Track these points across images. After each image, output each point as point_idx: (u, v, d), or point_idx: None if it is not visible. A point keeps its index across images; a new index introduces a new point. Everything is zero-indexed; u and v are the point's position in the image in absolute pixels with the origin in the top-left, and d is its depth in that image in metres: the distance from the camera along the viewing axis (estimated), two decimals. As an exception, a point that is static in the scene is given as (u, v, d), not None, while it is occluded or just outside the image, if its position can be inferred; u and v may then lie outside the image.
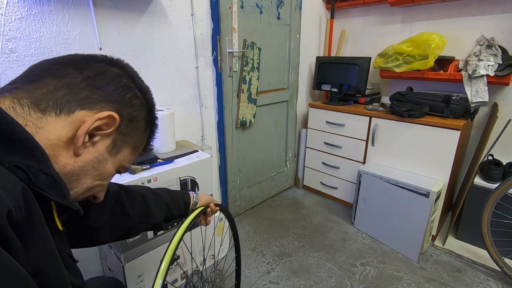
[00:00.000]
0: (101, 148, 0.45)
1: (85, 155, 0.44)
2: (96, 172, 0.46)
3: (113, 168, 0.49)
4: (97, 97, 0.43)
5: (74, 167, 0.43)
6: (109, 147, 0.47)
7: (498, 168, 1.61)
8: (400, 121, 1.70)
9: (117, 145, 0.48)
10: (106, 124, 0.44)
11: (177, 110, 1.53)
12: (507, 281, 1.42)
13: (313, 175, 2.29)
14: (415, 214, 1.55)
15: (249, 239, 1.76)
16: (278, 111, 2.14)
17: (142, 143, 0.54)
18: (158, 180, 1.13)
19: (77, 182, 0.45)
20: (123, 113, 0.46)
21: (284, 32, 2.00)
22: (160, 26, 1.36)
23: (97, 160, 0.45)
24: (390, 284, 1.42)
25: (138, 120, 0.50)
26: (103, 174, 0.48)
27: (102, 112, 0.43)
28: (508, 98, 1.69)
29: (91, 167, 0.45)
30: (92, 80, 0.44)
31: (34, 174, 0.35)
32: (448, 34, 1.76)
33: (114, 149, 0.48)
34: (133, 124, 0.49)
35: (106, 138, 0.46)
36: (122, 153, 0.50)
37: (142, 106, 0.50)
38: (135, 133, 0.50)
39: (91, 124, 0.42)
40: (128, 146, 0.50)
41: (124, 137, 0.48)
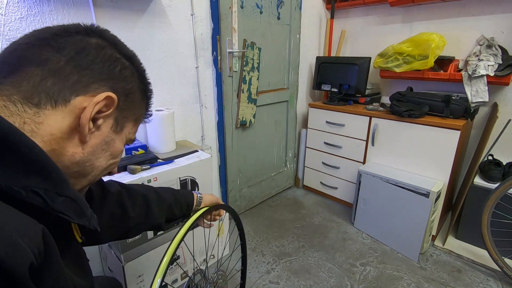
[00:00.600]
0: (106, 130, 0.44)
1: (92, 140, 0.43)
2: (107, 153, 0.46)
3: (121, 144, 0.49)
4: (88, 79, 0.41)
5: (84, 154, 0.42)
6: (113, 126, 0.46)
7: (498, 168, 1.61)
8: (400, 121, 1.70)
9: (120, 122, 0.47)
10: (106, 105, 0.42)
11: (177, 110, 1.53)
12: (507, 281, 1.42)
13: (313, 175, 2.29)
14: (415, 214, 1.55)
15: (249, 239, 1.76)
16: (278, 111, 2.14)
17: (142, 112, 0.53)
18: (158, 180, 1.13)
19: (91, 167, 0.44)
20: (118, 90, 0.44)
21: (284, 32, 2.00)
22: (160, 26, 1.36)
23: (104, 142, 0.45)
24: (390, 284, 1.42)
25: (133, 92, 0.48)
26: (114, 152, 0.47)
27: (99, 95, 0.41)
28: (508, 98, 1.69)
29: (101, 150, 0.45)
30: (76, 60, 0.40)
31: (51, 198, 0.35)
32: (448, 34, 1.76)
33: (118, 127, 0.47)
34: (130, 97, 0.47)
35: (108, 119, 0.44)
36: (126, 128, 0.49)
37: (134, 76, 0.48)
38: (133, 105, 0.49)
39: (91, 110, 0.40)
40: (130, 120, 0.49)
41: (124, 112, 0.47)
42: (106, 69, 0.43)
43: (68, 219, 0.37)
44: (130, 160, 1.14)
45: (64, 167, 0.39)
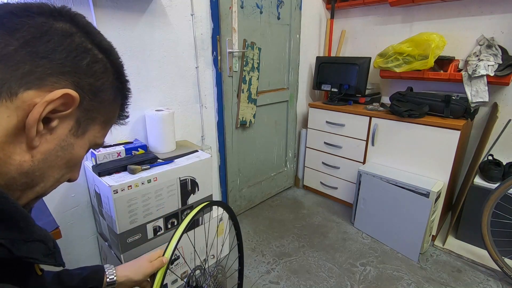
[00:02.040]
0: (63, 133, 0.37)
1: (43, 145, 0.35)
2: (62, 161, 0.39)
3: (82, 151, 0.41)
4: (44, 70, 0.33)
5: (34, 163, 0.35)
6: (72, 129, 0.38)
7: (498, 168, 1.61)
8: (400, 121, 1.70)
9: (83, 125, 0.39)
10: (63, 104, 0.34)
11: (177, 110, 1.53)
12: (507, 281, 1.42)
13: (313, 175, 2.29)
14: (415, 214, 1.55)
15: (249, 239, 1.76)
16: (278, 111, 2.14)
17: (114, 114, 0.45)
18: (158, 180, 1.13)
19: (42, 177, 0.37)
20: (83, 86, 0.37)
21: (284, 32, 2.00)
22: (160, 26, 1.36)
23: (60, 148, 0.37)
24: (390, 284, 1.42)
25: (104, 90, 0.40)
26: (71, 160, 0.40)
27: (54, 92, 0.33)
28: (508, 98, 1.69)
29: (55, 157, 0.37)
30: (32, 45, 0.33)
31: (17, 247, 0.32)
32: (448, 34, 1.76)
33: (80, 130, 0.39)
34: (98, 96, 0.39)
35: (66, 120, 0.37)
36: (91, 132, 0.41)
37: (107, 72, 0.40)
38: (103, 106, 0.41)
39: (42, 110, 0.32)
40: (97, 122, 0.42)
41: (90, 113, 0.39)
42: (71, 60, 0.35)
43: (35, 261, 0.34)
44: (130, 160, 1.14)
45: (10, 179, 0.34)
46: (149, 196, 1.12)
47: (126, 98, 0.47)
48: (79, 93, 0.36)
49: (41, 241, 0.35)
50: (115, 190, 1.01)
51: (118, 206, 1.03)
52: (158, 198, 1.15)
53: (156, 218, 1.17)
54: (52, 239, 0.38)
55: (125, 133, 1.35)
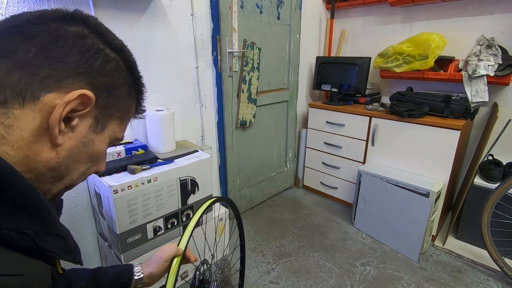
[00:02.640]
0: (83, 130, 0.40)
1: (67, 143, 0.38)
2: (85, 155, 0.42)
3: (103, 145, 0.44)
4: (61, 73, 0.36)
5: (59, 159, 0.38)
6: (92, 126, 0.41)
7: (498, 168, 1.61)
8: (400, 121, 1.70)
9: (101, 121, 0.42)
10: (81, 103, 0.37)
11: (177, 110, 1.53)
12: (507, 281, 1.42)
13: (313, 175, 2.29)
14: (415, 214, 1.55)
15: (249, 239, 1.76)
16: (278, 111, 2.14)
17: (130, 109, 0.47)
18: (158, 180, 1.13)
19: (68, 171, 0.41)
20: (97, 85, 0.39)
21: (284, 32, 2.00)
22: (160, 26, 1.36)
23: (82, 144, 0.40)
24: (390, 284, 1.42)
25: (118, 87, 0.42)
26: (94, 154, 0.43)
27: (71, 93, 0.36)
28: (508, 98, 1.69)
29: (78, 152, 0.40)
30: (49, 50, 0.35)
31: (41, 238, 0.34)
32: (448, 34, 1.76)
33: (99, 126, 0.42)
34: (113, 94, 0.42)
35: (86, 118, 0.39)
36: (110, 127, 0.44)
37: (119, 70, 0.42)
38: (118, 102, 0.43)
39: (62, 111, 0.35)
40: (115, 118, 0.44)
41: (107, 110, 0.42)
42: (84, 61, 0.38)
43: (55, 256, 0.36)
44: (130, 160, 1.14)
45: (39, 174, 0.37)
46: (149, 196, 1.12)
47: (141, 93, 0.49)
48: (95, 92, 0.38)
49: (62, 237, 0.37)
50: (115, 190, 1.01)
51: (118, 206, 1.03)
52: (158, 198, 1.15)
53: (156, 218, 1.17)
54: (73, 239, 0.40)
55: (125, 133, 1.35)
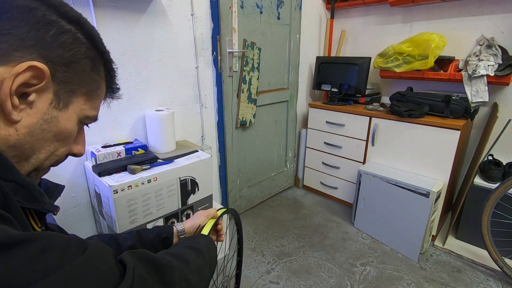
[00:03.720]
0: (43, 106, 0.38)
1: (26, 119, 0.37)
2: (50, 134, 0.40)
3: (70, 124, 0.42)
4: (8, 46, 0.35)
5: (19, 136, 0.37)
6: (52, 102, 0.39)
7: (498, 168, 1.61)
8: (400, 121, 1.70)
9: (63, 98, 0.40)
10: (34, 77, 0.36)
11: (177, 110, 1.53)
12: (507, 281, 1.42)
13: (313, 175, 2.29)
14: (415, 214, 1.55)
15: (249, 239, 1.76)
16: (278, 111, 2.14)
17: (98, 85, 0.45)
18: (158, 180, 1.13)
19: (33, 150, 0.39)
20: (52, 58, 0.37)
21: (284, 32, 2.00)
22: (160, 26, 1.36)
23: (44, 121, 0.38)
24: (390, 284, 1.42)
25: (78, 61, 0.40)
26: (60, 133, 0.41)
27: (19, 65, 0.34)
28: (508, 98, 1.69)
29: (40, 130, 0.39)
30: None
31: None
32: (448, 34, 1.76)
33: (61, 103, 0.40)
34: (72, 67, 0.40)
35: (44, 93, 0.38)
36: (76, 104, 0.42)
37: (77, 43, 0.40)
38: (80, 77, 0.41)
39: (11, 84, 0.34)
40: (79, 94, 0.42)
41: (67, 85, 0.40)
42: (34, 34, 0.36)
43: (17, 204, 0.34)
44: (130, 160, 1.14)
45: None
46: (149, 196, 1.12)
47: (110, 69, 0.46)
48: (49, 65, 0.37)
49: (23, 186, 0.36)
50: (115, 190, 1.01)
51: (118, 206, 1.03)
52: (158, 198, 1.15)
53: (156, 218, 1.17)
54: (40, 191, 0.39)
55: (125, 133, 1.35)
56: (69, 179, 1.20)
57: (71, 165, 1.20)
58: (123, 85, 1.29)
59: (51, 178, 0.50)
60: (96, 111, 0.46)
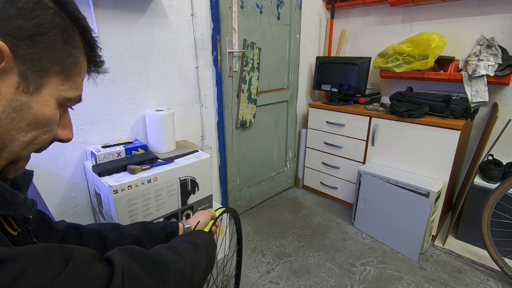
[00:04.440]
0: (8, 91, 0.32)
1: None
2: (23, 123, 0.34)
3: (47, 109, 0.35)
4: None
5: None
6: (20, 85, 0.32)
7: (498, 168, 1.61)
8: (400, 121, 1.70)
9: (32, 79, 0.33)
10: None
11: (177, 110, 1.53)
12: (507, 281, 1.42)
13: (313, 175, 2.29)
14: (415, 214, 1.55)
15: (249, 239, 1.76)
16: (278, 111, 2.14)
17: (75, 60, 0.38)
18: (158, 180, 1.13)
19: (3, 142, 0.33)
20: (10, 32, 0.31)
21: (284, 32, 2.00)
22: (160, 26, 1.36)
23: (11, 109, 0.32)
24: (390, 284, 1.42)
25: (44, 32, 0.33)
26: (36, 120, 0.35)
27: None
28: (508, 98, 1.69)
29: (9, 119, 0.32)
30: None
31: None
32: (448, 34, 1.76)
33: (31, 86, 0.33)
34: (37, 41, 0.33)
35: (6, 76, 0.31)
36: (50, 85, 0.35)
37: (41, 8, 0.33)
38: (50, 52, 0.34)
39: None
40: (53, 73, 0.35)
41: (36, 64, 0.33)
42: None
43: None
44: (130, 160, 1.14)
45: None
46: (149, 196, 1.12)
47: (89, 39, 0.39)
48: (7, 40, 0.30)
49: None
50: (115, 190, 1.01)
51: (118, 206, 1.03)
52: (158, 198, 1.15)
53: (156, 218, 1.17)
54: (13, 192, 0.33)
55: (125, 133, 1.35)
56: (69, 179, 1.20)
57: (71, 165, 1.20)
58: (123, 85, 1.29)
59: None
60: (78, 91, 0.39)
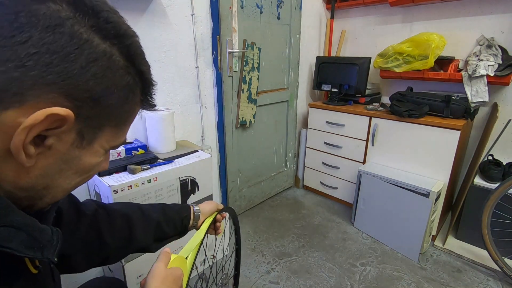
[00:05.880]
0: (63, 147, 0.31)
1: (41, 161, 0.30)
2: (70, 171, 0.34)
3: (94, 158, 0.35)
4: (21, 83, 0.26)
5: (31, 179, 0.31)
6: (74, 142, 0.32)
7: (498, 168, 1.61)
8: (400, 121, 1.70)
9: (87, 135, 0.33)
10: (54, 122, 0.28)
11: (177, 110, 1.53)
12: (507, 281, 1.42)
13: (313, 175, 2.29)
14: (415, 214, 1.55)
15: (249, 239, 1.76)
16: (278, 111, 2.14)
17: (130, 114, 0.37)
18: (158, 180, 1.13)
19: (48, 189, 0.33)
20: (77, 95, 0.29)
21: (284, 32, 2.00)
22: (160, 26, 1.36)
23: (62, 161, 0.32)
24: (390, 284, 1.42)
25: (110, 94, 0.32)
26: (82, 169, 0.35)
27: (35, 114, 0.26)
28: (508, 98, 1.69)
29: (58, 170, 0.32)
30: (4, 50, 0.25)
31: None
32: (448, 34, 1.76)
33: (85, 141, 0.33)
34: (102, 102, 0.31)
35: (65, 135, 0.30)
36: (101, 139, 0.35)
37: (113, 69, 0.31)
38: (110, 110, 0.33)
39: (24, 138, 0.27)
40: (107, 129, 0.35)
41: (94, 121, 0.32)
42: (56, 65, 0.27)
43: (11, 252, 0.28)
44: (130, 160, 1.14)
45: (8, 193, 0.30)
46: (149, 196, 1.12)
47: (148, 92, 0.39)
48: (73, 105, 0.29)
49: (20, 228, 0.29)
50: (115, 190, 1.01)
51: (118, 206, 1.03)
52: (158, 198, 1.15)
53: (156, 218, 1.17)
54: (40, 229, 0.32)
55: (125, 133, 1.35)
56: (69, 179, 1.20)
57: (71, 165, 1.20)
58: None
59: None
60: (124, 137, 0.39)
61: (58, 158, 0.32)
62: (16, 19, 0.25)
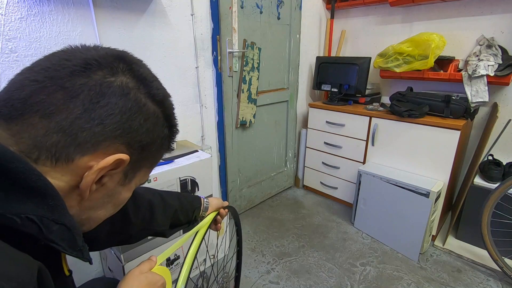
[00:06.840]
0: (111, 185, 0.39)
1: (94, 194, 0.38)
2: (109, 204, 0.41)
3: (128, 193, 0.44)
4: (98, 136, 0.34)
5: (81, 208, 0.38)
6: (120, 180, 0.40)
7: (498, 168, 1.61)
8: (400, 121, 1.70)
9: (130, 175, 0.41)
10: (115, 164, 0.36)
11: (177, 110, 1.51)
12: (507, 281, 1.42)
13: (313, 175, 2.29)
14: (415, 214, 1.55)
15: (249, 239, 1.76)
16: (278, 111, 2.14)
17: (159, 157, 0.46)
18: (158, 180, 1.13)
19: (88, 219, 0.40)
20: (133, 145, 0.37)
21: (284, 32, 2.00)
22: (160, 26, 1.36)
23: (107, 196, 0.40)
24: (390, 284, 1.42)
25: (153, 143, 0.40)
26: (118, 202, 0.43)
27: (107, 159, 0.34)
28: (508, 98, 1.69)
29: (102, 202, 0.40)
30: (90, 111, 0.33)
31: (46, 226, 0.31)
32: (448, 34, 1.76)
33: (127, 179, 0.41)
34: (147, 150, 0.40)
35: (116, 175, 0.39)
36: (137, 178, 0.43)
37: (158, 125, 0.40)
38: (150, 156, 0.42)
39: (95, 177, 0.35)
40: (143, 170, 0.43)
41: (137, 164, 0.41)
42: (123, 123, 0.35)
43: (61, 249, 0.33)
44: (130, 160, 1.14)
45: None
46: (149, 196, 1.12)
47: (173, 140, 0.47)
48: (129, 151, 0.37)
49: (69, 229, 0.34)
50: (115, 190, 1.01)
51: (118, 206, 1.03)
52: (158, 198, 1.15)
53: (156, 218, 1.17)
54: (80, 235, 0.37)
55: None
56: (69, 179, 1.20)
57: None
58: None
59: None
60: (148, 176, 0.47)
61: (105, 193, 0.39)
62: (99, 88, 0.34)
